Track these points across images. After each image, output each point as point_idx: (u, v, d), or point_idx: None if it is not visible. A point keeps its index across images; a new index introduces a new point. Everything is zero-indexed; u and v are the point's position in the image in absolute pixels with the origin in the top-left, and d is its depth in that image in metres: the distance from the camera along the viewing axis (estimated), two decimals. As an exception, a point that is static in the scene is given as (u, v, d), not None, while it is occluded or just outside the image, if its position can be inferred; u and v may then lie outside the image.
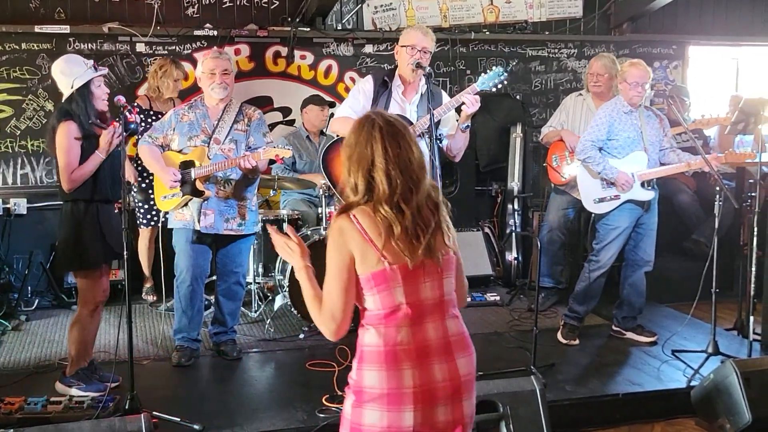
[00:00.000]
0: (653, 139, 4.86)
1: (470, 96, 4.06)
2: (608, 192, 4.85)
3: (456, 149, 4.31)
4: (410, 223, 2.20)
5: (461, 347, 2.29)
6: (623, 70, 4.85)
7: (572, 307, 5.08)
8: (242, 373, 4.50)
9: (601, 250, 4.93)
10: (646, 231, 4.94)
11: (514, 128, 6.66)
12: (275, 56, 6.56)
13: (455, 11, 6.97)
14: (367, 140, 2.22)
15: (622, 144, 4.81)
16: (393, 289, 2.20)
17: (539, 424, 3.52)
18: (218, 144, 4.48)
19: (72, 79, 3.88)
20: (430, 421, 2.20)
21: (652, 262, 4.99)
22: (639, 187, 4.80)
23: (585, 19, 7.29)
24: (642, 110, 4.88)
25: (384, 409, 2.17)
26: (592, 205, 4.96)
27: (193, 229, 4.49)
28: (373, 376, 2.20)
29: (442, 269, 2.28)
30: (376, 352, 2.20)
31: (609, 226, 4.89)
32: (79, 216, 3.93)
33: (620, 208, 4.85)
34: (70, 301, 5.79)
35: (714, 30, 7.67)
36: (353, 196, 2.24)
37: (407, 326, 2.21)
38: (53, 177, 6.07)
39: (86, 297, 4.05)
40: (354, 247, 2.19)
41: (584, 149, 4.84)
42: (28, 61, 6.02)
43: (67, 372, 4.10)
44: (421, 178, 2.25)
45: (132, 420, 3.21)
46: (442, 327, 2.26)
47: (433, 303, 2.26)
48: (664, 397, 4.25)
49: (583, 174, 4.98)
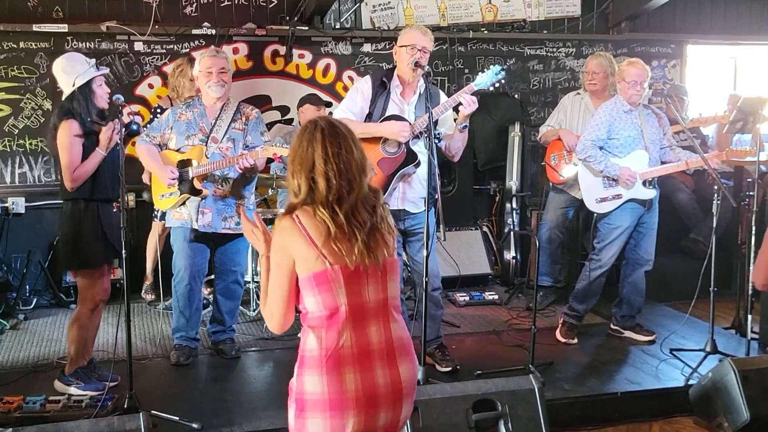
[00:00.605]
0: (653, 138, 4.86)
1: (468, 96, 4.05)
2: (610, 191, 4.85)
3: (454, 149, 4.31)
4: (345, 223, 2.21)
5: (403, 353, 2.28)
6: (621, 70, 4.85)
7: (572, 305, 5.08)
8: (241, 371, 4.50)
9: (602, 249, 4.93)
10: (647, 230, 4.94)
11: (512, 127, 6.66)
12: (273, 55, 6.56)
13: (453, 10, 6.96)
14: (308, 143, 2.25)
15: (623, 143, 4.81)
16: (334, 290, 2.20)
17: (538, 423, 3.52)
18: (216, 143, 4.48)
19: (74, 78, 3.88)
20: (371, 427, 2.19)
21: (652, 261, 4.99)
22: (641, 186, 4.80)
23: (583, 18, 7.29)
24: (641, 109, 4.89)
25: (326, 416, 2.16)
26: (594, 205, 4.96)
27: (191, 227, 4.49)
28: (314, 382, 2.18)
29: (384, 271, 2.28)
30: (317, 357, 2.19)
31: (611, 226, 4.89)
32: (79, 215, 3.93)
33: (622, 208, 4.85)
34: (69, 300, 5.79)
35: (712, 29, 7.67)
36: (295, 198, 2.27)
37: (349, 329, 2.20)
38: (51, 176, 6.07)
39: (86, 296, 4.05)
40: (295, 248, 2.21)
41: (585, 148, 4.84)
42: (26, 60, 6.01)
43: (66, 371, 4.10)
44: (359, 179, 2.26)
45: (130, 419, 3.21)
46: (386, 331, 2.26)
47: (376, 306, 2.25)
48: (662, 395, 4.25)
49: (585, 173, 4.98)
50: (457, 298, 5.87)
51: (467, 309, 5.78)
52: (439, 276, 4.46)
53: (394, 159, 4.15)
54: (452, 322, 5.35)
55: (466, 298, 5.90)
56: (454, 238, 6.04)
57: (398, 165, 4.13)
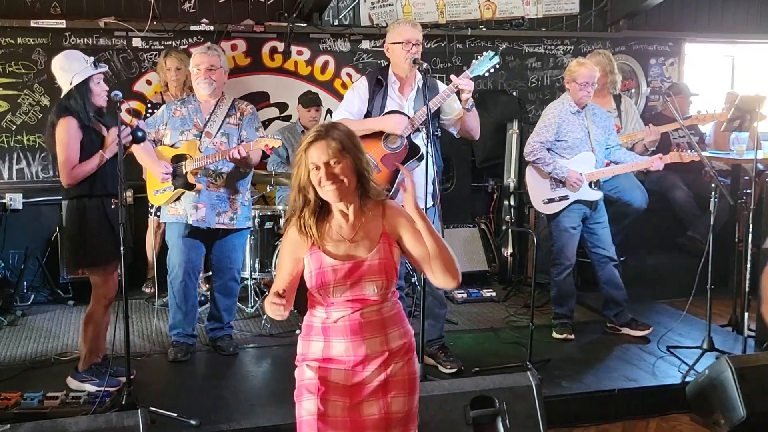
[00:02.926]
0: (599, 139, 4.91)
1: (463, 80, 4.02)
2: (557, 192, 4.89)
3: (469, 128, 4.27)
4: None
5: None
6: (572, 70, 4.85)
7: (555, 311, 5.13)
8: (239, 368, 4.50)
9: (559, 252, 5.00)
10: (598, 229, 5.00)
11: (510, 125, 6.66)
12: (272, 52, 6.55)
13: (452, 7, 6.96)
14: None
15: (570, 145, 4.85)
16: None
17: (535, 420, 3.53)
18: (210, 137, 4.47)
19: (71, 75, 3.88)
20: None
21: (614, 255, 5.03)
22: (587, 187, 4.85)
23: (581, 16, 7.28)
24: (588, 109, 4.91)
25: None
26: (541, 206, 5.00)
27: (186, 223, 4.48)
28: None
29: None
30: None
31: (560, 228, 4.96)
32: (86, 212, 3.93)
33: (569, 209, 4.90)
34: (66, 297, 5.78)
35: (710, 27, 7.68)
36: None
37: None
38: (49, 172, 6.06)
39: (101, 293, 4.05)
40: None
41: (533, 150, 4.86)
42: (24, 56, 6.00)
43: (80, 367, 4.11)
44: None
45: (128, 415, 3.21)
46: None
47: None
48: (659, 392, 4.26)
49: (532, 175, 5.01)
50: (455, 296, 5.87)
51: (465, 306, 5.79)
52: None
53: (397, 154, 4.15)
54: (450, 319, 5.34)
55: (463, 295, 5.90)
56: (451, 235, 6.04)
57: (401, 160, 4.13)
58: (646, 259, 6.27)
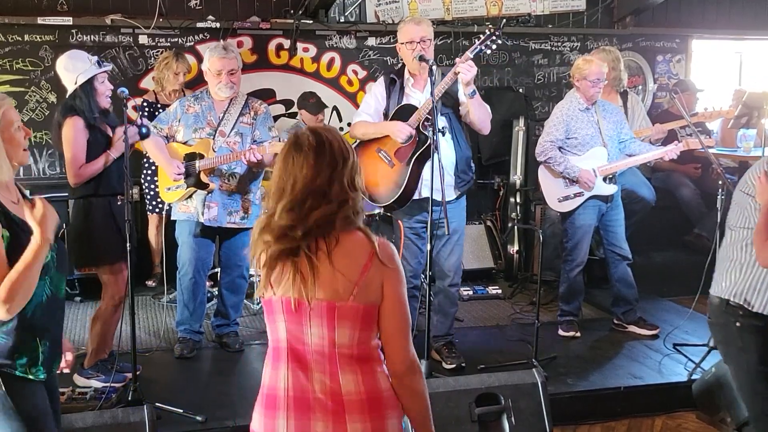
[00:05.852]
0: (611, 133, 4.89)
1: (464, 64, 3.99)
2: (571, 190, 4.87)
3: (476, 120, 4.22)
4: None
5: (358, 411, 1.99)
6: (582, 68, 4.83)
7: (562, 308, 5.11)
8: (244, 365, 4.51)
9: (573, 249, 4.97)
10: (614, 226, 4.99)
11: (516, 122, 6.64)
12: (278, 49, 6.56)
13: (458, 4, 6.94)
14: None
15: (581, 141, 4.83)
16: (277, 322, 2.07)
17: (541, 417, 3.53)
18: (223, 137, 4.47)
19: (75, 75, 3.89)
20: None
21: (628, 254, 5.02)
22: (601, 182, 4.83)
23: (588, 13, 7.26)
24: (597, 105, 4.89)
25: None
26: (556, 204, 4.98)
27: (197, 221, 4.49)
28: (255, 415, 2.10)
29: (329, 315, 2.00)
30: (259, 393, 2.11)
31: (575, 225, 4.93)
32: (92, 211, 3.95)
33: (584, 206, 4.88)
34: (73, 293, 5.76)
35: (717, 24, 7.64)
36: None
37: (286, 370, 2.04)
38: (56, 169, 6.08)
39: (112, 291, 4.07)
40: None
41: (544, 150, 4.85)
42: (31, 53, 6.01)
43: (86, 364, 4.12)
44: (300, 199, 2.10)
45: (134, 411, 3.22)
46: (333, 383, 2.00)
47: (319, 352, 2.01)
48: (665, 390, 4.26)
49: (545, 174, 4.99)
50: (461, 293, 5.87)
51: (471, 303, 5.78)
52: (459, 272, 4.47)
53: (408, 146, 4.17)
54: (456, 316, 5.34)
55: (469, 292, 5.90)
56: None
57: (412, 150, 4.14)
58: (653, 257, 6.26)
